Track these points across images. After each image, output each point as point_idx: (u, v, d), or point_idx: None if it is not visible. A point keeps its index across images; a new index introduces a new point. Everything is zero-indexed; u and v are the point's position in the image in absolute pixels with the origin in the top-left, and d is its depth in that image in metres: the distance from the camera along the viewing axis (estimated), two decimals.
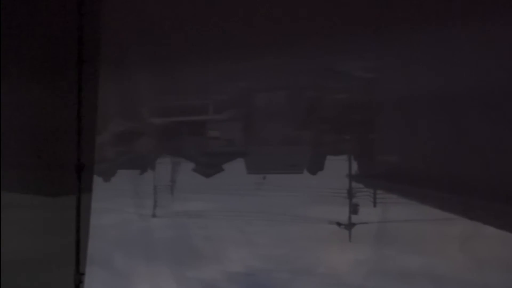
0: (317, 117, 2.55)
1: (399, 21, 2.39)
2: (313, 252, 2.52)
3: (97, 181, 2.95)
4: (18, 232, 3.03)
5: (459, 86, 2.33)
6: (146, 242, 2.88)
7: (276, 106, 2.61)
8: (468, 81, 2.29)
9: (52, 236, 3.03)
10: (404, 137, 2.46)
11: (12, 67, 3.00)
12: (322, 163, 2.56)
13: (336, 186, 2.48)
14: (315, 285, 2.53)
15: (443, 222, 2.36)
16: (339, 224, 2.51)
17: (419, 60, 2.36)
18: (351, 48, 2.44)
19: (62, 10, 3.02)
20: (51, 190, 3.07)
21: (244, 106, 2.71)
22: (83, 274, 2.92)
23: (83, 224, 2.96)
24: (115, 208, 2.97)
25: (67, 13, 3.00)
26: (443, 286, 2.35)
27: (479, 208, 2.27)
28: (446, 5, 2.30)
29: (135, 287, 2.88)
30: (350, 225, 2.51)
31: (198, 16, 2.73)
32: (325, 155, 2.56)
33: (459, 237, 2.33)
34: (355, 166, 2.53)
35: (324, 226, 2.49)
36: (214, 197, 2.74)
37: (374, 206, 2.49)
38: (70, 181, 2.98)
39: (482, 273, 2.24)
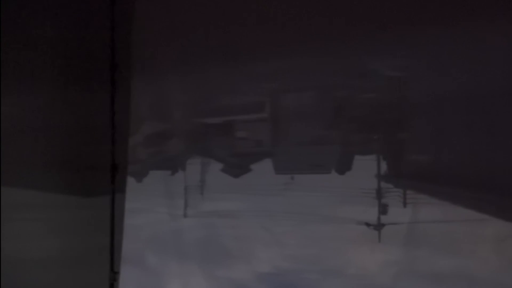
0: (345, 117, 2.45)
1: (430, 19, 2.28)
2: (342, 253, 2.42)
3: (130, 181, 2.92)
4: (55, 230, 3.02)
5: (492, 85, 2.21)
6: (177, 242, 2.84)
7: (304, 106, 2.52)
8: (502, 80, 2.16)
9: (87, 235, 3.02)
10: (435, 136, 2.34)
11: (48, 71, 3.00)
12: (350, 163, 2.45)
13: (365, 186, 2.38)
14: (344, 286, 2.43)
15: (476, 223, 2.24)
16: (368, 224, 2.41)
17: (451, 58, 2.24)
18: (381, 46, 2.34)
19: (95, 14, 3.00)
20: (86, 190, 3.05)
21: (272, 107, 2.62)
22: (117, 272, 2.90)
23: (117, 223, 2.94)
24: (147, 208, 2.94)
25: (99, 17, 2.98)
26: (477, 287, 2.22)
27: None
28: (479, 2, 2.18)
29: (166, 285, 2.83)
30: (379, 226, 2.41)
31: (228, 17, 2.67)
32: (353, 155, 2.46)
33: (493, 238, 2.20)
34: (384, 166, 2.42)
35: (353, 227, 2.39)
36: (243, 197, 2.67)
37: (404, 206, 2.38)
38: (105, 182, 2.96)
39: None
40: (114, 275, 3.01)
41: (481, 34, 2.17)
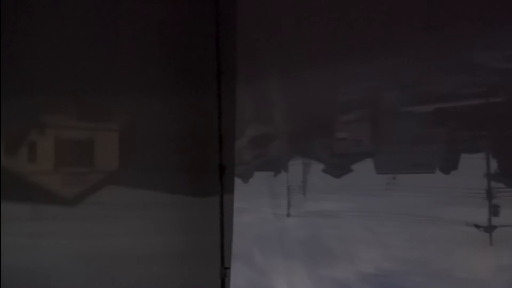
0: (449, 114, 2.10)
1: None
2: (450, 255, 2.08)
3: (237, 182, 2.78)
4: (169, 228, 2.97)
5: None
6: (281, 240, 2.64)
7: (405, 104, 2.21)
8: None
9: (199, 232, 2.93)
10: None
11: (161, 80, 2.96)
12: (456, 161, 2.10)
13: (473, 185, 2.03)
14: None
15: None
16: (477, 226, 2.05)
17: None
18: (488, 39, 1.97)
19: (201, 24, 2.92)
20: (197, 191, 2.97)
21: (371, 106, 2.34)
22: (228, 268, 2.77)
23: (226, 222, 2.84)
24: (253, 207, 2.79)
25: (205, 28, 2.89)
26: None
27: None
28: None
29: (273, 282, 2.64)
30: (490, 228, 2.04)
31: (327, 19, 2.43)
32: (460, 153, 2.10)
33: None
34: (494, 164, 2.04)
35: (461, 228, 2.05)
36: (345, 198, 2.42)
37: None
38: (214, 183, 2.85)
39: None
40: (225, 270, 2.90)
41: None
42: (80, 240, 2.91)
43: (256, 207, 2.80)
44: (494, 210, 2.08)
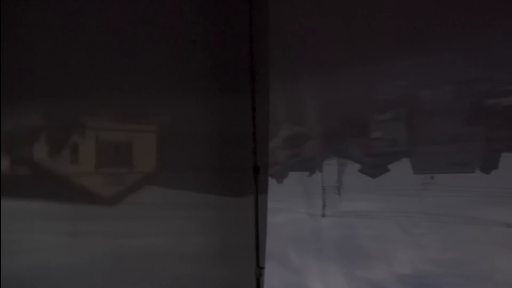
0: (488, 111, 1.99)
1: None
2: (488, 257, 1.97)
3: (271, 182, 2.72)
4: (206, 228, 2.94)
5: None
6: (316, 240, 2.57)
7: (442, 102, 2.10)
8: None
9: (234, 232, 2.89)
10: None
11: (197, 81, 2.94)
12: (496, 160, 1.99)
13: None
14: None
15: None
16: None
17: None
18: None
19: (235, 26, 2.90)
20: (232, 191, 2.92)
21: (406, 105, 2.24)
22: (262, 268, 2.71)
23: (260, 222, 2.79)
24: (287, 208, 2.73)
25: (239, 29, 2.87)
26: None
27: None
28: None
29: (308, 282, 2.57)
30: None
31: (358, 18, 2.35)
32: (500, 151, 1.98)
33: None
34: None
35: (500, 229, 1.94)
36: (380, 198, 2.33)
37: None
38: (248, 183, 2.80)
39: None
40: (260, 270, 2.84)
41: None
42: (119, 239, 2.91)
43: (290, 207, 2.73)
44: None
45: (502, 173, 2.00)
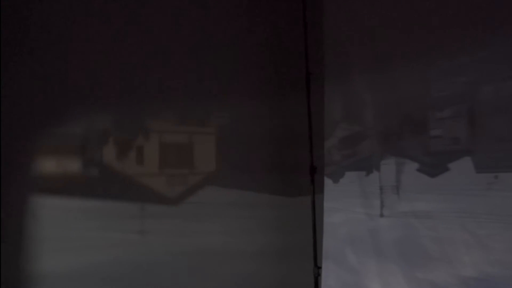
0: None
1: None
2: None
3: (328, 182, 2.60)
4: (264, 227, 2.87)
5: None
6: (374, 241, 2.41)
7: (505, 98, 1.89)
8: None
9: (292, 232, 2.81)
10: None
11: (254, 83, 2.88)
12: None
13: None
14: None
15: None
16: None
17: None
18: None
19: (289, 28, 2.87)
20: (289, 191, 2.84)
21: (467, 101, 2.04)
22: (320, 267, 2.59)
23: (317, 222, 2.67)
24: (344, 207, 2.59)
25: (293, 31, 2.78)
26: None
27: None
28: None
29: (366, 282, 2.42)
30: None
31: (416, 12, 2.18)
32: None
33: None
34: None
35: None
36: (441, 198, 2.14)
37: None
38: (305, 183, 2.70)
39: None
40: (317, 269, 2.72)
41: None
42: (182, 237, 2.90)
43: (347, 207, 2.59)
44: None
45: None
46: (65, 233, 2.69)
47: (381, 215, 2.43)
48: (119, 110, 2.89)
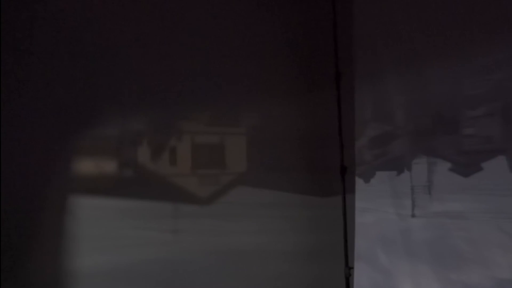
0: None
1: None
2: None
3: (358, 182, 2.56)
4: (294, 227, 2.85)
5: None
6: (406, 241, 2.36)
7: None
8: None
9: (323, 232, 2.78)
10: None
11: (284, 83, 2.87)
12: None
13: None
14: None
15: None
16: None
17: None
18: None
19: (319, 27, 2.84)
20: (319, 190, 2.82)
21: (501, 99, 1.97)
22: (352, 268, 2.56)
23: (348, 222, 2.62)
24: (375, 208, 2.54)
25: (323, 30, 2.76)
26: None
27: None
28: None
29: (398, 283, 2.37)
30: None
31: (448, 9, 2.12)
32: None
33: None
34: None
35: None
36: (474, 198, 2.08)
37: None
38: (335, 183, 2.67)
39: None
40: (349, 270, 2.68)
41: None
42: (214, 236, 2.91)
43: (378, 207, 2.55)
44: None
45: None
46: (102, 232, 2.74)
47: (413, 215, 2.38)
48: (153, 112, 2.92)
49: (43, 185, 2.61)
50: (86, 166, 2.78)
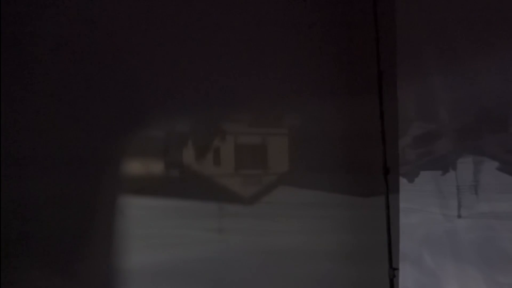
0: None
1: None
2: None
3: (402, 182, 2.50)
4: (339, 227, 2.83)
5: None
6: (452, 242, 2.29)
7: None
8: None
9: (366, 232, 2.74)
10: None
11: (325, 83, 2.84)
12: None
13: None
14: None
15: None
16: None
17: None
18: None
19: (360, 26, 2.85)
20: (362, 191, 2.78)
21: None
22: (396, 269, 2.51)
23: (392, 222, 2.57)
24: (420, 208, 2.48)
25: (365, 28, 2.78)
26: None
27: None
28: None
29: (444, 285, 2.31)
30: None
31: (492, 4, 2.05)
32: None
33: None
34: None
35: None
36: None
37: None
38: (378, 183, 2.64)
39: None
40: (393, 271, 2.63)
41: None
42: (257, 236, 2.93)
43: (423, 208, 2.48)
44: None
45: None
46: (150, 231, 2.80)
47: (459, 216, 2.30)
48: (197, 114, 2.96)
49: (95, 186, 2.69)
50: (134, 167, 2.85)
